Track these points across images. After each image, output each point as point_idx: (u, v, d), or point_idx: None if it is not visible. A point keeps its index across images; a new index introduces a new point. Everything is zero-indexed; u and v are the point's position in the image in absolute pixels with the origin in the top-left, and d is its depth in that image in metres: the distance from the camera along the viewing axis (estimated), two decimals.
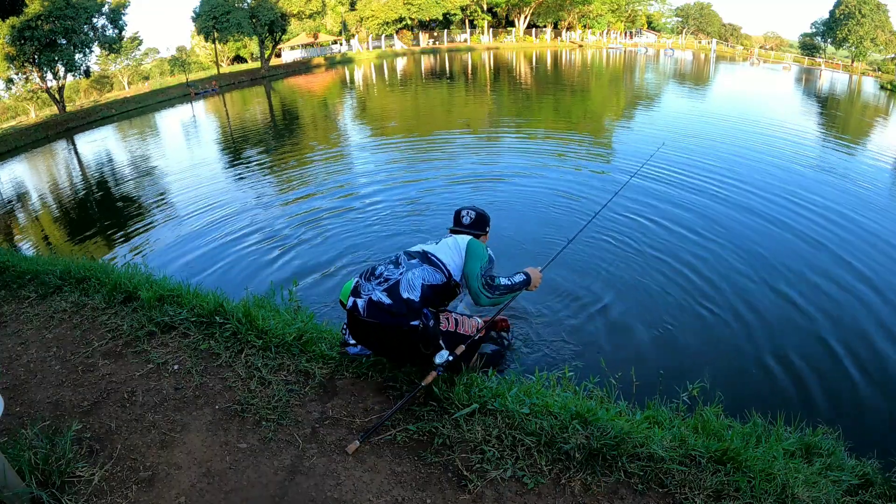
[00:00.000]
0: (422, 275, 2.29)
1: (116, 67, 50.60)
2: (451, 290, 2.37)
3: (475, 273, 2.31)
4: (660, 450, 2.02)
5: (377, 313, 2.22)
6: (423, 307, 2.25)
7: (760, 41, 65.59)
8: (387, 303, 2.20)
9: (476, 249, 2.40)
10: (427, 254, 2.39)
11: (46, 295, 3.49)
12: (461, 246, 2.41)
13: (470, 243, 2.41)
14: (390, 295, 2.22)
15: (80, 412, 2.35)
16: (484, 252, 2.40)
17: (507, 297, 2.37)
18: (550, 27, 56.32)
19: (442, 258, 2.36)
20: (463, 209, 2.71)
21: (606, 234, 6.87)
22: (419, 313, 2.22)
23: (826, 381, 4.16)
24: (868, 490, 2.14)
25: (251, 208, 8.86)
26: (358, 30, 52.91)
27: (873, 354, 4.46)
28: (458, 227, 2.68)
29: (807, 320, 4.93)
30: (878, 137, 15.17)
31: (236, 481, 1.99)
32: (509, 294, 2.37)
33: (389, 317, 2.20)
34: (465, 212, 2.69)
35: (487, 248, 2.45)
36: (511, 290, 2.38)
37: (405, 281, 2.26)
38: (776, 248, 6.39)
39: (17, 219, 10.89)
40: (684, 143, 12.11)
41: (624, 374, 3.05)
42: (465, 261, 2.37)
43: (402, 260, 2.37)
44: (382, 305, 2.21)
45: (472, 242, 2.42)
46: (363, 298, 2.27)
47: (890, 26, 41.13)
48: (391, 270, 2.32)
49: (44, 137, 22.49)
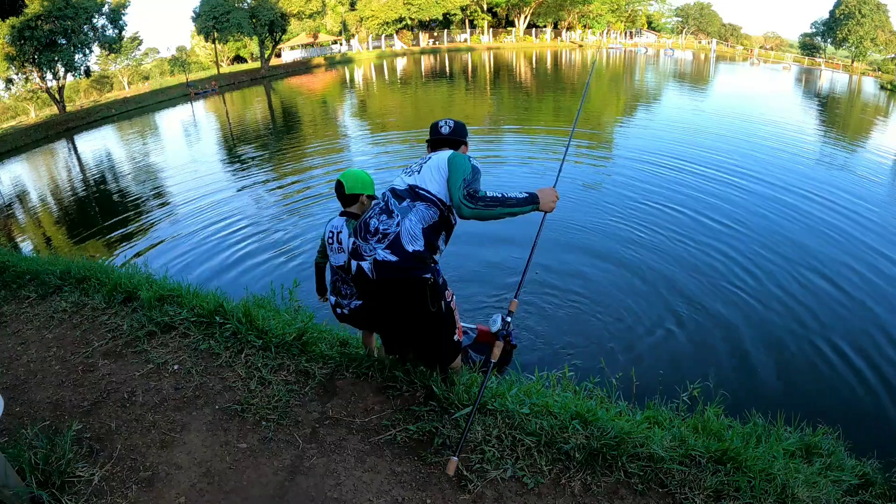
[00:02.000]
0: (419, 218, 2.14)
1: (116, 67, 50.59)
2: (447, 220, 2.22)
3: (457, 184, 2.10)
4: (660, 450, 2.02)
5: (388, 272, 2.11)
6: (431, 254, 2.15)
7: (760, 41, 65.58)
8: (393, 260, 2.10)
9: (458, 162, 2.19)
10: (415, 189, 2.20)
11: (46, 295, 3.49)
12: (443, 165, 2.21)
13: (451, 157, 2.22)
14: (395, 251, 2.11)
15: (80, 412, 2.35)
16: (466, 163, 2.18)
17: (499, 210, 2.05)
18: (550, 27, 56.32)
19: (431, 189, 2.18)
20: (440, 121, 2.51)
21: (606, 234, 6.88)
22: (428, 265, 2.14)
23: (826, 381, 4.17)
24: (868, 490, 2.14)
25: (251, 208, 8.86)
26: (358, 30, 52.91)
27: (873, 355, 4.46)
28: (436, 138, 2.46)
29: (807, 321, 4.94)
30: (879, 136, 15.17)
31: (236, 481, 1.99)
32: (501, 208, 2.06)
33: (401, 273, 2.11)
34: (444, 122, 2.48)
35: (471, 159, 2.25)
36: (504, 203, 2.07)
37: (405, 232, 2.12)
38: (776, 249, 6.39)
39: (17, 219, 10.89)
40: (683, 143, 12.11)
41: (624, 374, 3.06)
42: (447, 176, 2.17)
43: (392, 205, 2.19)
44: (390, 264, 2.10)
45: (454, 156, 2.23)
46: (367, 260, 2.15)
47: (890, 26, 41.12)
48: (386, 222, 2.16)
49: (44, 137, 22.50)
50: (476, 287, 5.51)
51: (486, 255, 6.15)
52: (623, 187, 8.77)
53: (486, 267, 5.97)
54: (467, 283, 5.53)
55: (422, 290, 2.13)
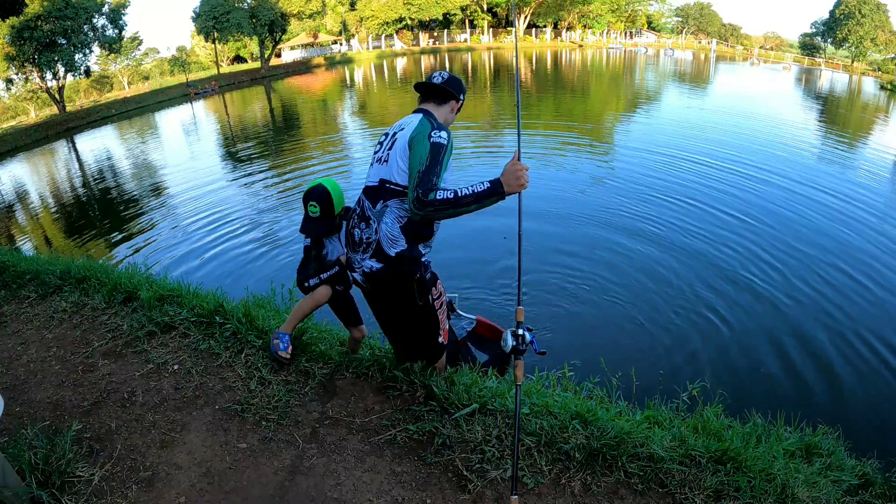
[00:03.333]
0: (394, 218, 2.06)
1: (116, 67, 50.58)
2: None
3: (412, 183, 1.89)
4: (660, 450, 2.02)
5: (377, 279, 2.14)
6: (418, 246, 2.10)
7: (760, 41, 65.56)
8: (380, 267, 2.11)
9: (416, 148, 1.95)
10: (385, 185, 2.07)
11: (46, 295, 3.49)
12: (406, 147, 2.01)
13: (411, 140, 1.99)
14: (379, 258, 2.11)
15: (80, 412, 2.35)
16: (424, 148, 1.93)
17: (451, 211, 1.87)
18: (550, 27, 56.32)
19: (400, 181, 2.03)
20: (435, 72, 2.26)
21: (605, 235, 6.88)
22: (416, 260, 2.11)
23: (826, 382, 4.17)
24: (868, 490, 2.14)
25: (251, 209, 8.86)
26: (358, 30, 52.90)
27: (874, 355, 4.46)
28: (425, 87, 2.21)
29: (807, 321, 4.94)
30: (880, 135, 15.18)
31: (236, 481, 1.99)
32: (454, 209, 1.85)
33: (390, 278, 2.13)
34: (438, 73, 2.22)
35: (433, 136, 1.95)
36: (456, 204, 1.83)
37: (384, 237, 2.07)
38: (775, 249, 6.39)
39: (17, 219, 10.89)
40: (689, 138, 12.12)
41: (624, 374, 3.06)
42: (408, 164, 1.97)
43: (367, 210, 2.11)
44: (378, 271, 2.12)
45: (414, 137, 1.99)
46: (358, 272, 2.19)
47: (890, 26, 41.11)
48: (366, 231, 2.12)
49: (44, 137, 22.50)
50: (467, 278, 5.50)
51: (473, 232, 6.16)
52: (622, 186, 8.78)
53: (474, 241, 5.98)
54: (461, 279, 5.53)
55: (409, 284, 2.14)
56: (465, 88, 2.27)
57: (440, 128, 2.02)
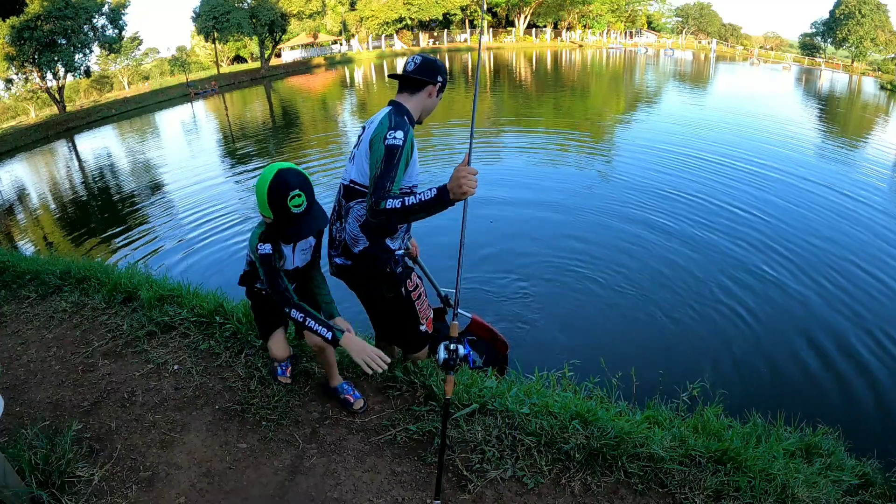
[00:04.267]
0: (355, 217, 2.07)
1: (116, 67, 50.58)
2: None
3: (371, 183, 1.89)
4: (660, 450, 2.02)
5: (347, 274, 2.21)
6: (382, 242, 2.10)
7: (760, 41, 65.57)
8: (348, 264, 2.16)
9: (374, 152, 1.92)
10: (352, 185, 2.06)
11: (46, 295, 3.49)
12: (367, 147, 1.97)
13: (371, 140, 1.96)
14: (347, 256, 2.15)
15: (80, 412, 2.35)
16: (380, 151, 1.89)
17: (398, 220, 1.89)
18: (550, 27, 56.33)
19: (363, 182, 2.01)
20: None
21: (605, 236, 6.88)
22: (380, 258, 2.12)
23: (826, 381, 4.17)
24: (868, 490, 2.14)
25: (251, 208, 8.85)
26: (358, 30, 52.91)
27: (874, 355, 4.46)
28: (399, 78, 2.15)
29: (807, 321, 4.94)
30: (880, 135, 15.19)
31: (236, 481, 1.99)
32: (401, 218, 1.87)
33: (357, 274, 2.18)
34: (411, 58, 2.15)
35: (389, 138, 1.90)
36: (403, 214, 1.83)
37: (348, 236, 2.10)
38: (774, 249, 6.39)
39: (17, 219, 10.89)
40: (691, 136, 12.12)
41: (624, 374, 3.06)
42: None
43: (342, 208, 2.12)
44: (346, 268, 2.17)
45: (373, 139, 1.95)
46: (333, 267, 2.23)
47: (890, 26, 41.11)
48: (338, 230, 2.15)
49: (44, 137, 22.49)
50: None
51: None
52: (622, 184, 8.78)
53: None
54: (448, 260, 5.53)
55: (376, 280, 2.18)
56: (443, 67, 2.17)
57: (397, 126, 1.94)
